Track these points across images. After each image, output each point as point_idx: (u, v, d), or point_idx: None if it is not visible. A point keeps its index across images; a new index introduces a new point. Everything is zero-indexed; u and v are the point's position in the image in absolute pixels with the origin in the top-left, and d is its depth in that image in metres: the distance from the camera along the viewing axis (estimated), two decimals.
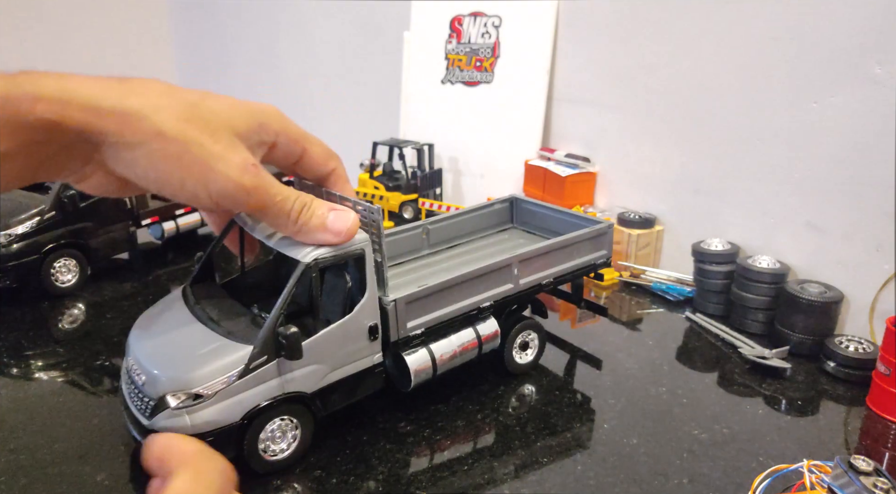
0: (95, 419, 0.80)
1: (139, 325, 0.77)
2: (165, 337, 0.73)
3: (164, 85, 0.48)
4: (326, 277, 0.76)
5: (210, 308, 0.76)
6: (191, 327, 0.73)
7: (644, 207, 1.37)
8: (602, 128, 1.43)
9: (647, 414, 0.85)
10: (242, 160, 0.49)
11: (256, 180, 0.50)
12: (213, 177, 0.48)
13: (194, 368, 0.68)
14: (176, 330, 0.73)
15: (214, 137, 0.48)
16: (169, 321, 0.76)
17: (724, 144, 1.21)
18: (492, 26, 1.56)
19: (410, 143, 1.58)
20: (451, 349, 0.84)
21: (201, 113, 0.48)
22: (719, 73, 1.19)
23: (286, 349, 0.69)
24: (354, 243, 0.71)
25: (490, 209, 1.11)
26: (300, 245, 0.69)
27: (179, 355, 0.70)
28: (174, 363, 0.69)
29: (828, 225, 1.08)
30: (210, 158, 0.48)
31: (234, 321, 0.74)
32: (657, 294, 1.22)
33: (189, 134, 0.47)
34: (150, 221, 1.27)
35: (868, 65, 0.99)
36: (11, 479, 0.69)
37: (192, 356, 0.69)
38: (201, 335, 0.71)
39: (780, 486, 0.69)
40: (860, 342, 0.95)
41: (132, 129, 0.45)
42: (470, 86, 1.62)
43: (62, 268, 1.15)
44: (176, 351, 0.71)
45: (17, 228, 1.09)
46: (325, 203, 0.61)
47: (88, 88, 0.44)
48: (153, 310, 0.79)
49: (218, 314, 0.75)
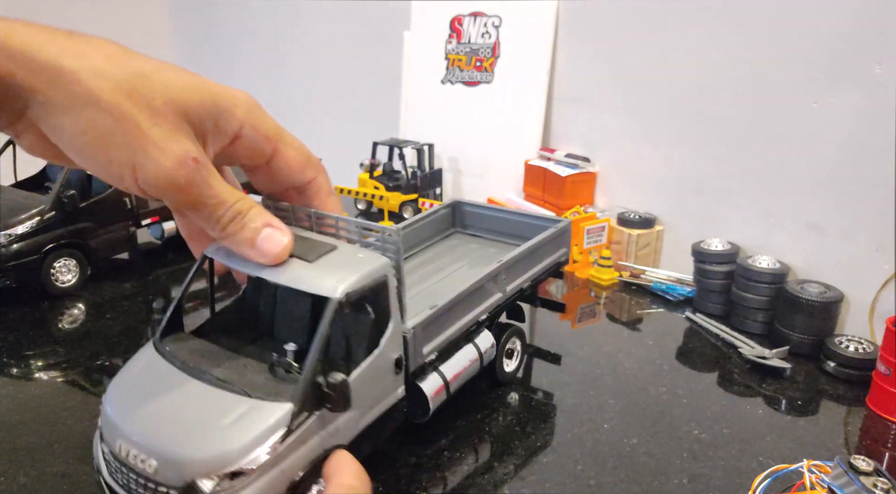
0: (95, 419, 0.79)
1: (115, 398, 0.61)
2: (165, 407, 0.59)
3: (118, 48, 0.42)
4: None
5: (205, 363, 0.63)
6: (194, 389, 0.60)
7: (644, 207, 1.37)
8: (602, 128, 1.43)
9: (647, 414, 0.85)
10: (182, 151, 0.42)
11: (192, 177, 0.43)
12: (142, 163, 0.41)
13: (228, 440, 0.55)
14: (176, 396, 0.60)
15: (156, 117, 0.41)
16: (158, 386, 0.61)
17: (724, 144, 1.21)
18: (492, 26, 1.56)
19: (410, 143, 1.58)
20: (458, 368, 0.79)
21: (149, 87, 0.41)
22: (719, 72, 1.19)
23: (335, 400, 0.58)
24: (378, 269, 0.64)
25: (434, 217, 1.05)
26: (320, 279, 0.60)
27: (199, 427, 0.57)
28: (198, 439, 0.56)
29: (828, 225, 1.08)
30: (143, 142, 0.41)
31: (245, 375, 0.62)
32: (657, 294, 1.22)
33: (126, 108, 0.40)
34: (150, 221, 1.27)
35: (868, 65, 0.99)
36: (11, 479, 0.69)
37: (218, 425, 0.56)
38: (215, 398, 0.59)
39: (780, 486, 0.69)
40: (860, 342, 0.95)
41: (63, 90, 0.39)
42: (470, 86, 1.62)
43: (62, 268, 1.15)
44: (191, 423, 0.57)
45: (17, 228, 1.09)
46: (263, 215, 0.51)
47: (27, 37, 0.39)
48: (125, 377, 0.64)
49: (220, 368, 0.62)
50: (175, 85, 0.42)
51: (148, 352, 0.65)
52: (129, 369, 0.64)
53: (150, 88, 0.41)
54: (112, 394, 0.62)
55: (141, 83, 0.41)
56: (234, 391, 0.59)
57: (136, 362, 0.65)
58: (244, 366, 0.63)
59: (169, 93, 0.42)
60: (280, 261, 0.55)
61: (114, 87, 0.40)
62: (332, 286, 0.60)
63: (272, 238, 0.52)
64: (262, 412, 0.57)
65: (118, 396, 0.62)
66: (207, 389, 0.59)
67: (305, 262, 0.60)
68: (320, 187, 0.55)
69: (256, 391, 0.59)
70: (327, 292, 0.59)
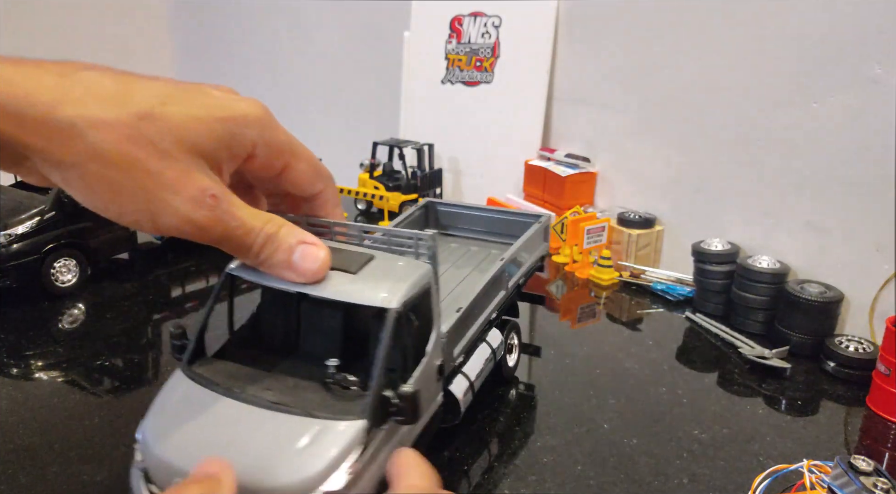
0: (95, 419, 0.80)
1: (161, 434, 0.56)
2: (226, 438, 0.54)
3: (115, 83, 0.39)
4: None
5: (251, 386, 0.58)
6: (251, 415, 0.55)
7: (644, 207, 1.37)
8: (602, 128, 1.44)
9: (647, 414, 0.85)
10: (198, 191, 0.40)
11: (214, 214, 0.42)
12: (160, 210, 0.39)
13: (308, 465, 0.52)
14: (233, 425, 0.55)
15: (166, 160, 0.39)
16: (208, 416, 0.56)
17: (725, 144, 1.21)
18: (492, 26, 1.56)
19: (410, 143, 1.58)
20: (478, 368, 0.78)
21: (154, 129, 0.39)
22: (719, 72, 1.19)
23: (408, 411, 0.56)
24: (424, 276, 0.62)
25: (408, 221, 1.03)
26: (372, 291, 0.58)
27: (272, 454, 0.53)
28: (275, 466, 0.52)
29: (828, 225, 1.08)
30: (157, 189, 0.39)
31: (300, 395, 0.58)
32: (657, 294, 1.22)
33: (133, 157, 0.38)
34: None
35: (868, 65, 0.99)
36: (11, 479, 0.69)
37: (293, 450, 0.53)
38: (278, 422, 0.55)
39: (780, 486, 0.69)
40: (860, 342, 0.95)
41: (62, 148, 0.36)
42: (470, 86, 1.62)
43: (62, 268, 1.15)
44: (262, 451, 0.53)
45: (17, 228, 1.09)
46: (294, 232, 0.50)
47: (15, 87, 0.35)
48: (164, 411, 0.58)
49: (270, 391, 0.58)
50: (181, 121, 0.40)
51: (181, 381, 0.60)
52: (165, 401, 0.59)
53: (155, 131, 0.39)
54: (155, 431, 0.56)
55: (145, 126, 0.38)
56: (296, 413, 0.55)
57: (170, 393, 0.59)
58: (294, 386, 0.59)
59: (176, 131, 0.40)
60: (321, 277, 0.53)
61: (117, 137, 0.37)
62: (388, 297, 0.58)
63: (308, 255, 0.50)
64: (336, 432, 0.54)
65: (164, 432, 0.56)
66: (266, 413, 0.55)
67: (349, 274, 0.58)
68: (327, 200, 0.53)
69: (321, 411, 0.56)
70: (384, 304, 0.57)
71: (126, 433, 0.77)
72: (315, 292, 0.56)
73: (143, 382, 0.87)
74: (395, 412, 0.57)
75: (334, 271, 0.57)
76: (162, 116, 0.39)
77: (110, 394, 0.88)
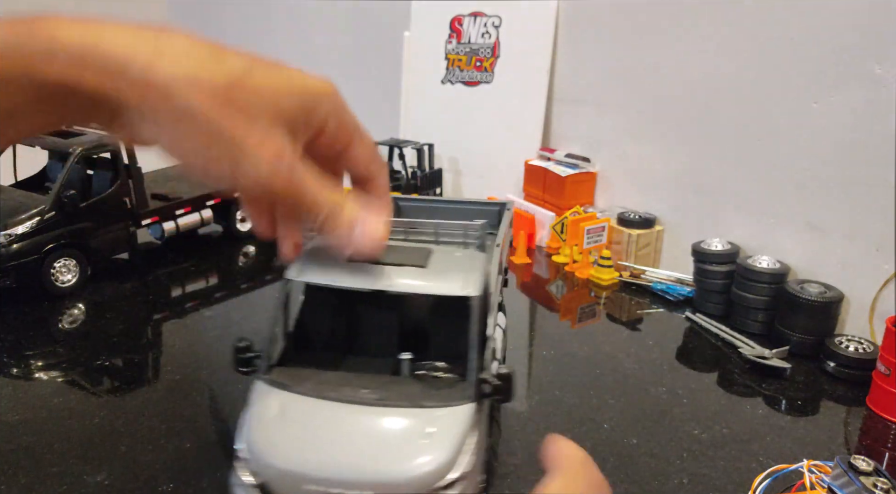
0: (95, 419, 0.80)
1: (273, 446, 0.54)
2: (348, 439, 0.54)
3: (207, 49, 0.41)
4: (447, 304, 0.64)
5: (345, 388, 0.59)
6: (363, 415, 0.56)
7: (644, 207, 1.37)
8: (602, 128, 1.44)
9: (647, 414, 0.85)
10: (276, 154, 0.43)
11: (289, 177, 0.44)
12: (241, 167, 0.41)
13: (438, 451, 0.53)
14: (350, 426, 0.55)
15: (252, 123, 0.42)
16: (319, 422, 0.56)
17: (725, 144, 1.21)
18: (492, 26, 1.56)
19: (410, 143, 1.58)
20: (500, 347, 0.79)
21: (242, 94, 0.41)
22: (719, 73, 1.19)
23: (506, 390, 0.59)
24: (485, 264, 0.64)
25: None
26: (450, 281, 0.60)
27: (401, 446, 0.54)
28: (409, 457, 0.53)
29: (828, 225, 1.08)
30: (241, 152, 0.41)
31: (398, 390, 0.59)
32: (657, 294, 1.22)
33: (223, 121, 0.40)
34: (150, 221, 1.27)
35: (868, 65, 0.99)
36: (11, 479, 0.69)
37: (419, 440, 0.54)
38: (393, 417, 0.56)
39: (780, 486, 0.69)
40: (860, 342, 0.96)
41: (156, 105, 0.38)
42: (470, 86, 1.62)
43: (62, 268, 1.15)
44: (390, 446, 0.54)
45: (17, 228, 1.09)
46: (356, 210, 0.50)
47: (113, 46, 0.38)
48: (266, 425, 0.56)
49: (366, 390, 0.58)
50: (269, 88, 0.43)
51: (270, 392, 0.59)
52: (262, 414, 0.57)
53: (245, 97, 0.41)
54: (267, 444, 0.55)
55: (235, 92, 0.40)
56: (406, 406, 0.56)
57: (264, 405, 0.58)
58: (388, 382, 0.61)
59: (264, 97, 0.42)
60: (382, 245, 0.53)
61: (208, 99, 0.39)
62: (469, 286, 0.60)
63: (367, 233, 0.51)
64: (454, 418, 0.56)
65: (279, 444, 0.55)
66: (377, 411, 0.56)
67: (420, 268, 0.60)
68: (380, 185, 0.54)
69: (429, 401, 0.57)
70: (468, 292, 0.60)
71: (126, 433, 0.77)
72: (394, 289, 0.58)
73: (144, 382, 0.87)
74: (491, 392, 0.59)
75: (405, 267, 0.60)
76: (251, 84, 0.41)
77: (110, 394, 0.88)
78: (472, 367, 0.59)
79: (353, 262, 0.60)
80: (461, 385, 0.59)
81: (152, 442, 0.75)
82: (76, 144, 1.15)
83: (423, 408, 0.56)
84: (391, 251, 0.61)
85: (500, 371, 0.59)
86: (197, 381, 0.87)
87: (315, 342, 0.68)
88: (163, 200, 1.29)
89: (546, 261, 1.39)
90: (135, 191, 1.22)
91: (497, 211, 0.98)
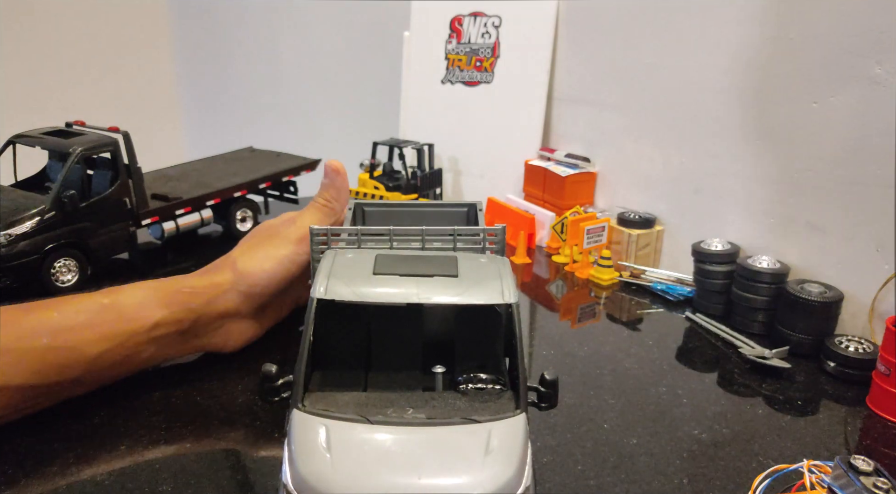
0: (95, 419, 0.80)
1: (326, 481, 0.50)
2: (407, 461, 0.51)
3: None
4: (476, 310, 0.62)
5: (389, 409, 0.56)
6: (416, 436, 0.53)
7: (644, 207, 1.37)
8: (602, 128, 1.44)
9: (647, 414, 0.85)
10: None
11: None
12: None
13: (505, 466, 0.51)
14: (406, 449, 0.52)
15: None
16: (374, 447, 0.52)
17: (725, 144, 1.21)
18: (492, 26, 1.56)
19: (410, 143, 1.58)
20: None
21: None
22: (719, 72, 1.19)
23: (552, 398, 0.59)
24: (510, 268, 0.64)
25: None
26: (486, 290, 0.58)
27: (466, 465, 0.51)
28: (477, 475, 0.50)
29: (828, 225, 1.08)
30: None
31: (444, 406, 0.57)
32: (657, 294, 1.22)
33: None
34: (150, 221, 1.27)
35: (868, 65, 0.99)
36: (11, 479, 0.69)
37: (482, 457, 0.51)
38: (448, 435, 0.53)
39: (780, 486, 0.69)
40: (860, 342, 0.96)
41: None
42: (470, 86, 1.62)
43: (62, 268, 1.15)
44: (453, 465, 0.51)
45: (17, 228, 1.09)
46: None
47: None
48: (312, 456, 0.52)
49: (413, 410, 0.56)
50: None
51: (309, 421, 0.55)
52: (307, 445, 0.53)
53: None
54: (318, 477, 0.50)
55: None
56: (459, 423, 0.54)
57: (306, 436, 0.53)
58: (429, 399, 0.58)
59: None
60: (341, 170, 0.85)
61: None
62: (506, 293, 0.59)
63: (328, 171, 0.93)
64: (511, 430, 0.54)
65: (332, 475, 0.50)
66: (431, 430, 0.53)
67: (452, 277, 0.60)
68: None
69: (480, 414, 0.55)
70: (508, 299, 0.59)
71: (126, 433, 0.77)
72: (434, 301, 0.57)
73: (143, 381, 0.87)
74: (537, 400, 0.59)
75: (436, 277, 0.59)
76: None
77: (110, 394, 0.88)
78: (522, 375, 0.57)
79: (379, 275, 0.60)
80: (506, 395, 0.57)
81: (152, 442, 0.75)
82: (76, 144, 1.15)
83: (477, 423, 0.54)
84: (413, 261, 0.60)
85: (547, 378, 0.58)
86: (197, 380, 0.87)
87: (334, 361, 0.65)
88: (163, 200, 1.29)
89: (546, 261, 1.39)
90: (135, 191, 1.22)
91: (466, 212, 0.95)
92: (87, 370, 0.77)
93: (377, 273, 0.60)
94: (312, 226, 0.73)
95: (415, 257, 0.63)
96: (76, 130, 1.24)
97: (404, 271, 0.60)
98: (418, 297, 0.57)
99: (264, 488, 0.71)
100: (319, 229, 0.73)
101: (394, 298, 0.57)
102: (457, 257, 0.64)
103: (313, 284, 0.60)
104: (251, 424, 0.79)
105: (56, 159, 1.26)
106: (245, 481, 0.71)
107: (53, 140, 1.19)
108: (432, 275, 0.59)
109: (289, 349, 0.95)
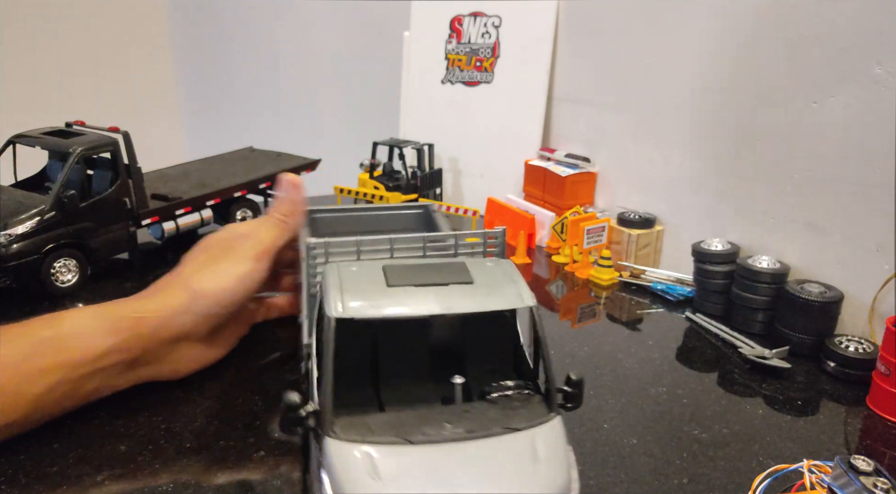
0: (96, 419, 0.80)
1: None
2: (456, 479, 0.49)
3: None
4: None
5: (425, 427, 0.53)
6: (458, 452, 0.51)
7: (644, 207, 1.37)
8: (602, 128, 1.44)
9: (647, 414, 0.85)
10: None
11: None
12: None
13: (559, 472, 0.51)
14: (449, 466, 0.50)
15: None
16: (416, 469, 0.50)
17: (725, 144, 1.21)
18: (492, 26, 1.56)
19: (410, 143, 1.58)
20: None
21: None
22: (719, 72, 1.19)
23: (578, 397, 0.58)
24: (517, 270, 0.63)
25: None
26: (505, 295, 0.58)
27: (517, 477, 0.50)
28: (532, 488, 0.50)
29: (828, 225, 1.08)
30: None
31: (479, 418, 0.55)
32: (657, 294, 1.22)
33: None
34: (150, 221, 1.27)
35: (868, 65, 0.99)
36: (11, 479, 0.69)
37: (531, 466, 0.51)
38: (490, 448, 0.52)
39: (780, 486, 0.69)
40: (860, 342, 0.96)
41: None
42: (470, 86, 1.62)
43: (62, 268, 1.15)
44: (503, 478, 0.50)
45: (17, 228, 1.09)
46: None
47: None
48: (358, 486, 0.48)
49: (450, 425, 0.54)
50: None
51: (345, 448, 0.51)
52: (350, 475, 0.49)
53: None
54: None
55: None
56: (499, 433, 0.52)
57: (346, 465, 0.50)
58: (461, 411, 0.56)
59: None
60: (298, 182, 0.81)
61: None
62: (522, 296, 0.58)
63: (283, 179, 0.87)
64: (552, 435, 0.53)
65: None
66: (474, 444, 0.51)
67: (467, 285, 0.59)
68: None
69: (519, 422, 0.54)
70: (527, 302, 0.58)
71: (125, 433, 0.77)
72: (457, 310, 0.55)
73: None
74: (563, 400, 0.58)
75: (452, 285, 0.57)
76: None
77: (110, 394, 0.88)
78: (550, 378, 0.57)
79: (395, 287, 0.58)
80: (535, 399, 0.57)
81: (152, 442, 0.75)
82: (76, 144, 1.15)
83: (517, 431, 0.53)
84: (424, 270, 0.59)
85: (573, 379, 0.57)
86: (197, 380, 0.87)
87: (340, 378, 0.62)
88: (163, 200, 1.29)
89: (546, 261, 1.39)
90: (135, 191, 1.22)
91: (421, 214, 0.93)
92: (25, 415, 0.69)
93: (391, 285, 0.57)
94: (310, 240, 0.71)
95: (424, 266, 0.61)
96: (76, 130, 1.24)
97: (419, 282, 0.58)
98: (442, 307, 0.55)
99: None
100: (317, 241, 0.70)
101: (417, 310, 0.54)
102: (465, 263, 0.62)
103: (325, 303, 0.56)
104: None
105: (56, 159, 1.25)
106: None
107: (53, 140, 1.19)
108: (448, 284, 0.57)
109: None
